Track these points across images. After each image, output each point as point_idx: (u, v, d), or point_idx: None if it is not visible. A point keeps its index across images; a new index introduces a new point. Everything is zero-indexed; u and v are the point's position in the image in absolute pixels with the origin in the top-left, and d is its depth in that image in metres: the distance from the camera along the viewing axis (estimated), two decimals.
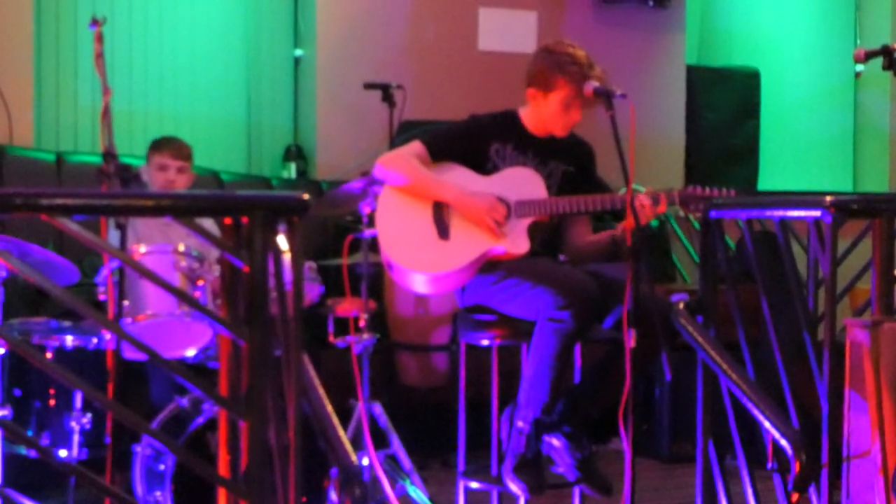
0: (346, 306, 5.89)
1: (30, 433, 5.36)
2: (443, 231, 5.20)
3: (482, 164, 5.28)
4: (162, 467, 5.06)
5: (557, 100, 5.24)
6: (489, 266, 5.18)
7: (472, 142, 5.31)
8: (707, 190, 5.06)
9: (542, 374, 4.99)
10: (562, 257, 5.47)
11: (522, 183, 5.24)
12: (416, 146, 5.28)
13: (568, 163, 5.37)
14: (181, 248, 5.25)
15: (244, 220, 3.08)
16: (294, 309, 3.15)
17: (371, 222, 5.45)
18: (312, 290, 5.58)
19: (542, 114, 5.30)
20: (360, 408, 5.78)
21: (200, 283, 5.23)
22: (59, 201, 2.97)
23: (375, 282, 5.88)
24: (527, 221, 5.19)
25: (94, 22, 5.01)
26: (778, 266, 4.80)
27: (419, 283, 5.24)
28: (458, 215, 5.22)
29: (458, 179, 5.25)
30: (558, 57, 5.26)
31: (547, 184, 5.27)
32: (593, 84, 5.06)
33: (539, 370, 4.99)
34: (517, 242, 5.18)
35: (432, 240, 5.18)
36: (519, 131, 5.34)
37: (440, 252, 5.17)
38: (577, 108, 5.25)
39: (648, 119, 8.92)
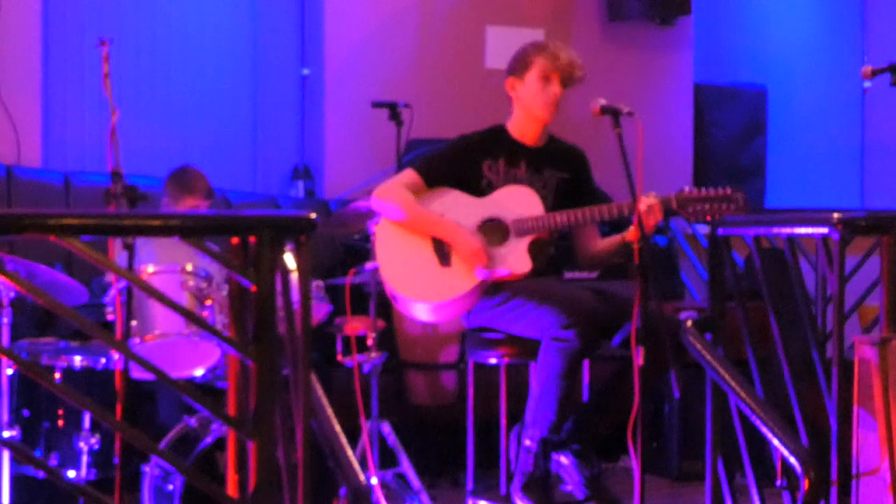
0: (355, 325, 5.89)
1: (38, 454, 5.36)
2: (444, 258, 5.20)
3: (477, 182, 5.29)
4: (170, 487, 5.05)
5: (534, 77, 5.29)
6: (493, 288, 5.18)
7: (464, 162, 5.32)
8: (703, 191, 5.06)
9: (548, 394, 4.98)
10: (567, 275, 5.47)
11: (518, 201, 5.25)
12: (409, 174, 5.29)
13: (562, 170, 5.38)
14: (189, 267, 5.25)
15: (252, 239, 3.08)
16: (302, 328, 3.15)
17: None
18: (320, 309, 5.58)
19: (524, 102, 5.32)
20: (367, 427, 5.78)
21: (208, 302, 5.23)
22: (67, 221, 2.98)
23: (383, 300, 5.87)
24: (527, 240, 5.19)
25: (101, 42, 5.02)
26: (786, 283, 4.80)
27: (424, 313, 5.24)
28: None
29: (453, 204, 5.25)
30: (526, 44, 5.40)
31: (542, 194, 5.28)
32: (601, 102, 5.06)
33: (545, 389, 4.99)
34: (519, 262, 5.17)
35: (434, 268, 5.18)
36: (508, 144, 5.35)
37: (443, 279, 5.17)
38: (556, 80, 5.28)
39: (656, 137, 8.90)
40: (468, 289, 5.14)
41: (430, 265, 5.18)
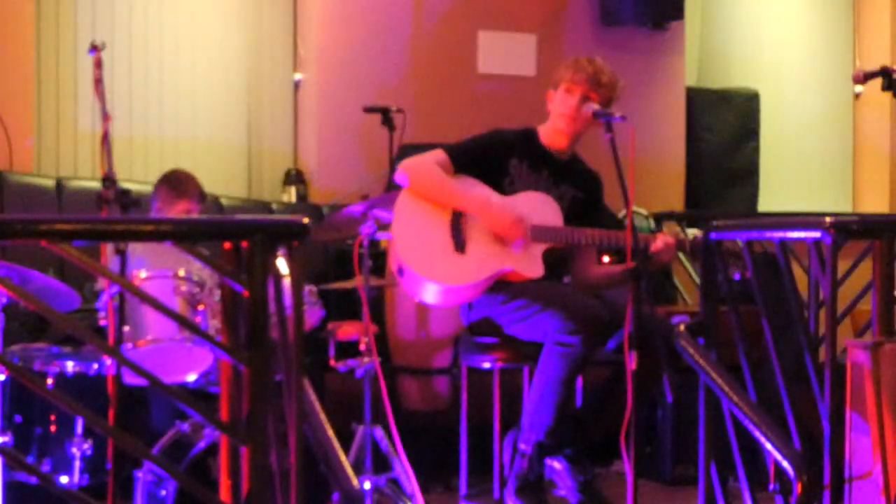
0: (347, 330, 5.88)
1: (31, 459, 5.34)
2: (459, 244, 5.21)
3: (501, 178, 5.32)
4: (163, 493, 5.05)
5: (562, 88, 5.36)
6: (498, 285, 5.19)
7: (494, 155, 5.36)
8: None
9: (547, 398, 4.99)
10: (566, 280, 5.48)
11: (541, 208, 5.27)
12: (438, 154, 5.32)
13: (578, 189, 5.42)
14: (181, 272, 5.24)
15: (244, 244, 3.07)
16: (295, 333, 3.14)
17: (385, 227, 5.43)
18: (313, 315, 5.58)
19: (552, 113, 5.39)
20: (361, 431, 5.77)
21: (201, 307, 5.22)
22: (59, 227, 2.97)
23: (377, 305, 5.86)
24: (543, 246, 5.21)
25: (94, 48, 5.02)
26: (779, 287, 4.80)
27: (430, 293, 5.23)
28: (475, 230, 5.23)
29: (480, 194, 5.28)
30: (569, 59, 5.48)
31: (559, 206, 5.31)
32: (592, 107, 5.08)
33: (544, 393, 4.99)
34: (532, 266, 5.18)
35: (448, 251, 5.19)
36: (536, 149, 5.39)
37: (455, 265, 5.18)
38: (576, 94, 5.32)
39: (648, 141, 8.92)
40: (478, 279, 5.15)
41: (444, 248, 5.19)
